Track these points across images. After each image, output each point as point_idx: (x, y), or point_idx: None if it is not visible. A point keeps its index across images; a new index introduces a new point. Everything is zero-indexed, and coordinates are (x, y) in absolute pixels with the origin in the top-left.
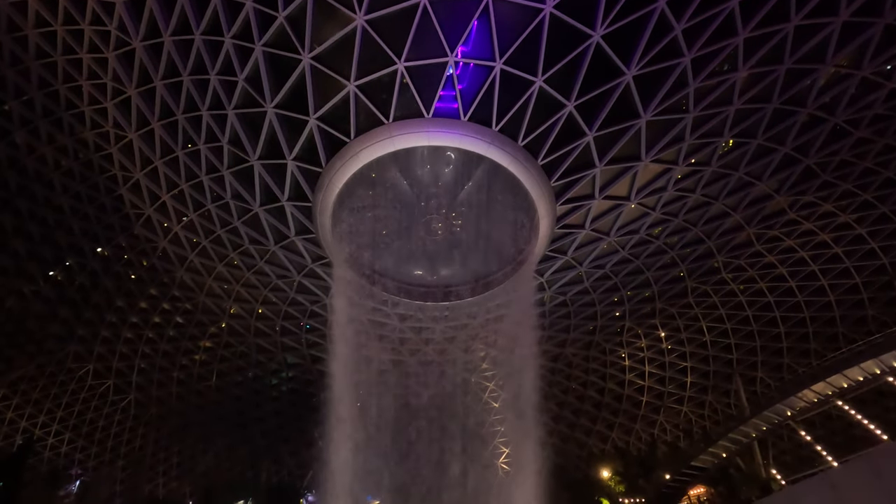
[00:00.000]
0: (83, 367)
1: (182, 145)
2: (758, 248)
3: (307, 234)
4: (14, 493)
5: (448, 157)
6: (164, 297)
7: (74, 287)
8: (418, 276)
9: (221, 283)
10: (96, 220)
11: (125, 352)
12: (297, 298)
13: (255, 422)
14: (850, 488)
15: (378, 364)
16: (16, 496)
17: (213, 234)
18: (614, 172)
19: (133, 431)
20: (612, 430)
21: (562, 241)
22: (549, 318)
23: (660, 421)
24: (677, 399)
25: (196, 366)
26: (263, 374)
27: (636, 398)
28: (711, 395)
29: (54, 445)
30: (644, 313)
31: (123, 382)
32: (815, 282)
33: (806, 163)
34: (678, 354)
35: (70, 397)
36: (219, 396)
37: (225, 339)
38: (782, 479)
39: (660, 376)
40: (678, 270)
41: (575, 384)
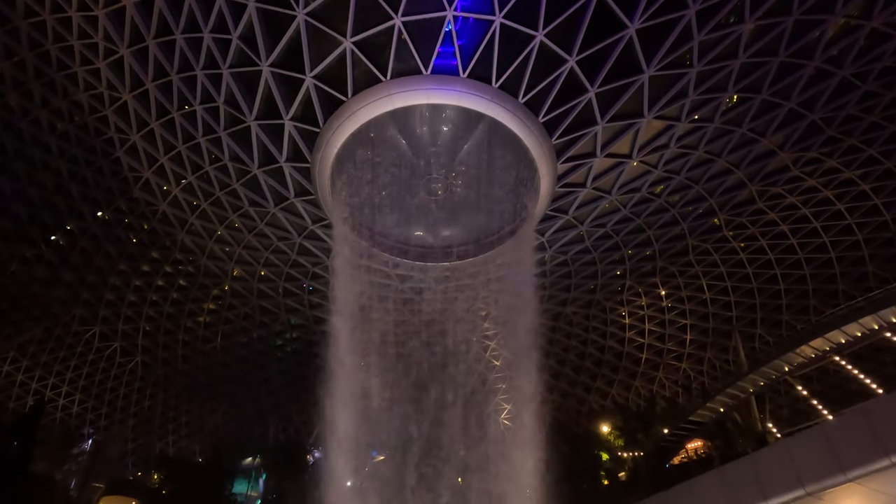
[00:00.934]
0: (89, 329)
1: (178, 106)
2: (760, 205)
3: (307, 195)
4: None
5: (447, 115)
6: (167, 260)
7: (77, 251)
8: (418, 236)
9: (223, 246)
10: (95, 184)
11: (130, 315)
12: (299, 260)
13: (261, 382)
14: (844, 440)
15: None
16: (30, 454)
17: (212, 196)
18: (616, 130)
19: (141, 392)
20: (612, 386)
21: (563, 200)
22: (551, 277)
23: (659, 377)
24: (676, 356)
25: (201, 328)
26: (268, 335)
27: (636, 355)
28: (710, 352)
29: (65, 406)
30: (645, 272)
31: (130, 345)
32: (816, 239)
33: (811, 118)
34: (678, 312)
35: (78, 359)
36: (225, 357)
37: (228, 302)
38: (778, 433)
39: (659, 334)
40: (679, 229)
41: (575, 342)
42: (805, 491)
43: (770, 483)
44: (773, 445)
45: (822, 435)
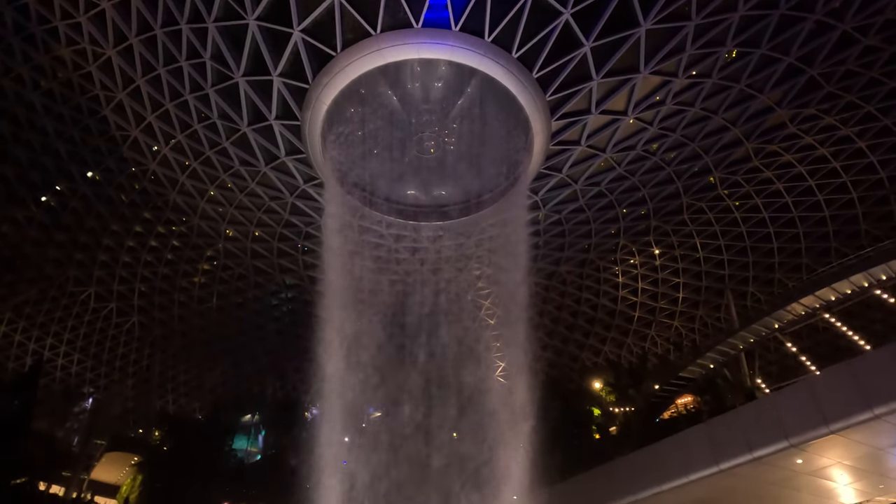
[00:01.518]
0: (84, 290)
1: (163, 62)
2: (755, 163)
3: (297, 154)
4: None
5: (439, 70)
6: (159, 220)
7: (68, 212)
8: (411, 195)
9: (215, 206)
10: (82, 143)
11: (124, 275)
12: (292, 220)
13: (257, 341)
14: (828, 394)
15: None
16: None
17: (202, 155)
18: (612, 85)
19: (139, 352)
20: (605, 344)
21: (557, 159)
22: (544, 236)
23: (651, 335)
24: (669, 314)
25: (196, 288)
26: (263, 294)
27: (629, 313)
28: (702, 310)
29: (64, 366)
30: (639, 231)
31: (126, 305)
32: (810, 197)
33: (810, 73)
34: (671, 271)
35: (75, 320)
36: (221, 317)
37: (222, 262)
38: (767, 388)
39: (652, 292)
40: (674, 187)
41: (569, 300)
42: (789, 443)
43: (755, 436)
44: (759, 400)
45: (808, 389)
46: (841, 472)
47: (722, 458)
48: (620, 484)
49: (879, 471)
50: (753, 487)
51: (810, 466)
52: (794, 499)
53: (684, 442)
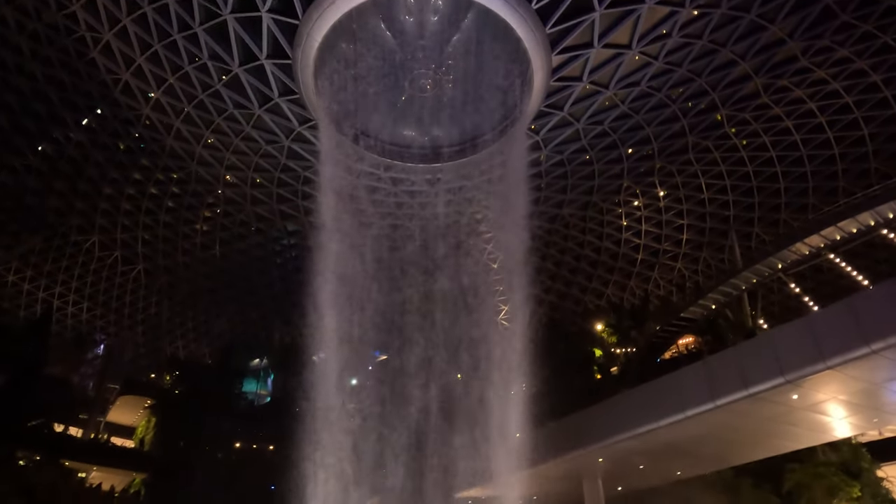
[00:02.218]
0: (88, 239)
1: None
2: (764, 99)
3: (291, 94)
4: (41, 354)
5: (434, 2)
6: (156, 167)
7: (65, 160)
8: (407, 136)
9: (212, 152)
10: (73, 88)
11: (127, 223)
12: (289, 164)
13: (262, 287)
14: (826, 330)
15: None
16: (43, 357)
17: (195, 98)
18: (615, 17)
19: (147, 299)
20: (608, 286)
21: (558, 96)
22: (546, 178)
23: (654, 277)
24: (672, 256)
25: (198, 235)
26: (265, 241)
27: (632, 256)
28: (706, 252)
29: (74, 314)
30: (643, 171)
31: (130, 253)
32: (820, 135)
33: (825, 1)
34: (675, 212)
35: (81, 269)
36: (225, 264)
37: (223, 209)
38: (768, 328)
39: (656, 234)
40: (679, 126)
41: (572, 244)
42: (785, 379)
43: (752, 372)
44: (757, 337)
45: (806, 325)
46: (836, 406)
47: (718, 394)
48: (616, 421)
49: (874, 405)
50: (750, 423)
51: (806, 402)
52: (791, 433)
53: (681, 379)
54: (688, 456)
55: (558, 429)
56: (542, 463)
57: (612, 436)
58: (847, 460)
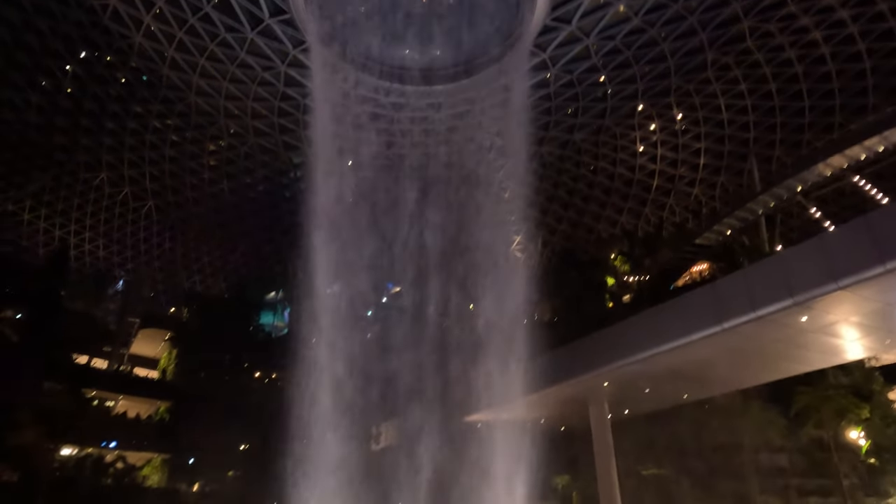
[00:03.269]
0: (96, 176)
1: None
2: (791, 8)
3: (281, 14)
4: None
5: None
6: (156, 99)
7: (64, 95)
8: (406, 56)
9: (209, 81)
10: (62, 17)
11: (133, 159)
12: (288, 92)
13: (274, 221)
14: (839, 249)
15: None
16: (64, 292)
17: (185, 23)
18: None
19: (160, 235)
20: (621, 214)
21: (565, 8)
22: (556, 100)
23: (669, 204)
24: (689, 182)
25: (205, 170)
26: (271, 174)
27: (647, 182)
28: (724, 176)
29: (92, 251)
30: (658, 91)
31: (139, 190)
32: (850, 46)
33: None
34: (693, 135)
35: (93, 206)
36: (234, 199)
37: (227, 142)
38: None
39: (672, 159)
40: (698, 40)
41: (584, 171)
42: (793, 300)
43: (760, 294)
44: (767, 258)
45: (818, 245)
46: (848, 328)
47: (725, 317)
48: (621, 346)
49: (888, 326)
50: (758, 346)
51: (816, 324)
52: (800, 356)
53: (687, 303)
54: (694, 380)
55: (565, 354)
56: (548, 387)
57: (616, 360)
58: (858, 383)
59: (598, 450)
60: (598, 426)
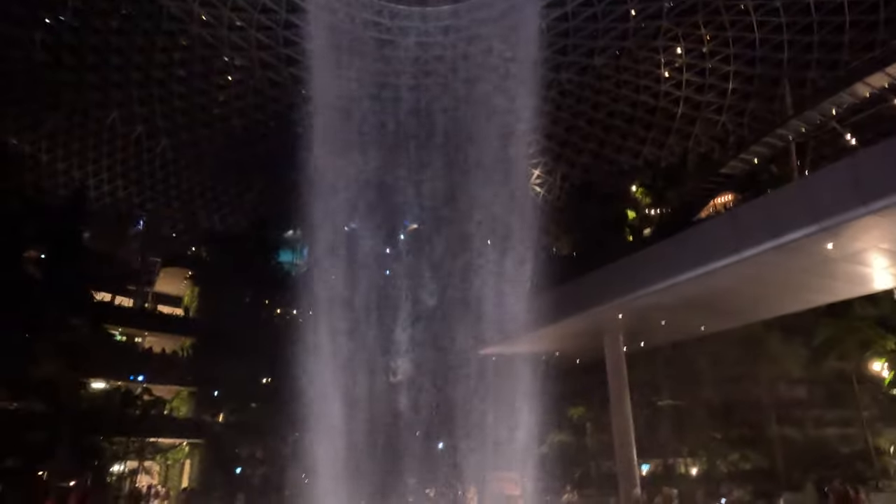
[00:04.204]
0: (107, 115)
1: None
2: None
3: None
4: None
5: None
6: (158, 30)
7: (65, 29)
8: None
9: (208, 10)
10: None
11: (142, 96)
12: (292, 20)
13: (287, 158)
14: (871, 171)
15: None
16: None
17: None
18: None
19: (177, 175)
20: (644, 145)
21: None
22: (573, 21)
23: (694, 133)
24: (716, 109)
25: (215, 106)
26: (282, 109)
27: (671, 110)
28: (754, 102)
29: (111, 192)
30: (684, 10)
31: (152, 128)
32: None
33: None
34: (721, 58)
35: (108, 146)
36: (247, 136)
37: (235, 77)
38: None
39: (698, 84)
40: None
41: (605, 98)
42: (819, 226)
43: (783, 221)
44: (792, 183)
45: (847, 167)
46: (877, 256)
47: (745, 245)
48: (636, 277)
49: None
50: (780, 276)
51: (843, 251)
52: (825, 286)
53: (706, 231)
54: (712, 312)
55: (579, 286)
56: (562, 319)
57: (632, 292)
58: (886, 315)
59: (613, 381)
60: (613, 358)
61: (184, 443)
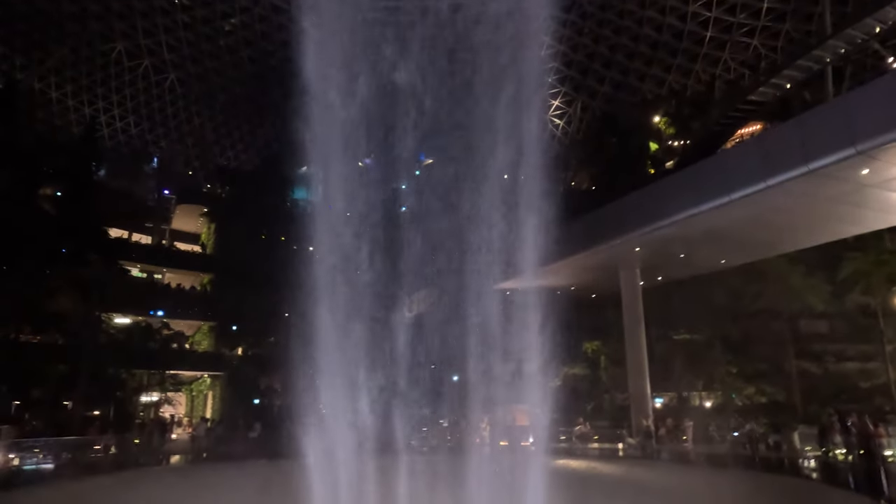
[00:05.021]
0: (113, 48)
1: None
2: None
3: None
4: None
5: None
6: None
7: None
8: None
9: None
10: None
11: (146, 27)
12: None
13: (298, 91)
14: None
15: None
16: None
17: None
18: None
19: (187, 110)
20: (669, 72)
21: None
22: None
23: (724, 59)
24: (748, 31)
25: (221, 36)
26: (290, 38)
27: (699, 34)
28: (790, 23)
29: (124, 129)
30: None
31: (158, 61)
32: None
33: None
34: None
35: (117, 81)
36: (256, 69)
37: (239, 3)
38: None
39: (730, 4)
40: None
41: (629, 21)
42: (856, 149)
43: (814, 144)
44: (826, 104)
45: (889, 86)
46: None
47: (772, 172)
48: (655, 208)
49: None
50: (807, 205)
51: (878, 177)
52: (855, 216)
53: (729, 158)
54: (734, 244)
55: (596, 218)
56: (578, 253)
57: (650, 223)
58: None
59: (628, 315)
60: (629, 292)
61: (205, 375)
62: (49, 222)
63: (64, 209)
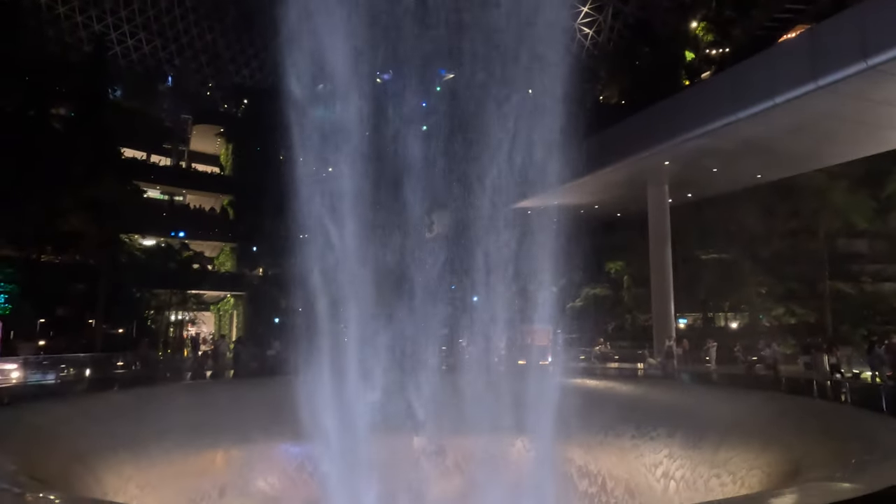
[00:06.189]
0: None
1: None
2: None
3: None
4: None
5: None
6: None
7: None
8: None
9: None
10: None
11: None
12: None
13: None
14: None
15: None
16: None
17: None
18: None
19: (199, 26)
20: None
21: None
22: None
23: None
24: None
25: None
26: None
27: None
28: None
29: (136, 46)
30: None
31: None
32: None
33: None
34: None
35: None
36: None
37: None
38: None
39: None
40: None
41: None
42: (867, 64)
43: (876, 35)
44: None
45: None
46: None
47: (823, 71)
48: (686, 116)
49: None
50: (860, 110)
51: None
52: None
53: (772, 58)
54: (772, 155)
55: (623, 129)
56: (602, 167)
57: (681, 133)
58: None
59: (654, 234)
60: (656, 210)
61: (228, 295)
62: (60, 142)
63: (75, 128)
